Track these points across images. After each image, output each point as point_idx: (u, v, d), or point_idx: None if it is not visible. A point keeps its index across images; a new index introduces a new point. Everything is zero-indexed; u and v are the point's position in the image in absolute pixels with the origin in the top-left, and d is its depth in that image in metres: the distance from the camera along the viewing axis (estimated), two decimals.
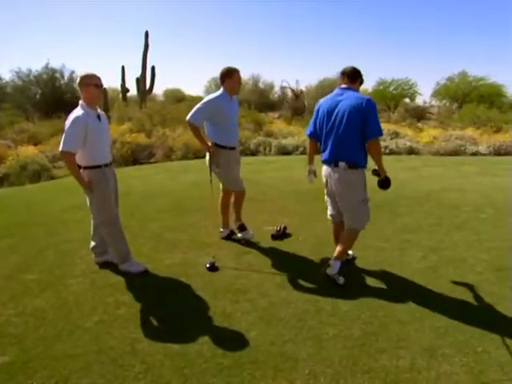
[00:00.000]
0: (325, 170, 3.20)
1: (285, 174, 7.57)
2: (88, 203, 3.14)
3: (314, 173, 3.38)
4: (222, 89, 3.64)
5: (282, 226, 4.12)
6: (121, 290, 2.94)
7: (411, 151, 11.30)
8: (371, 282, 3.04)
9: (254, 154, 11.41)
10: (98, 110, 3.12)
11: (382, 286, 2.97)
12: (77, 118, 2.89)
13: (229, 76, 3.58)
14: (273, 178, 7.13)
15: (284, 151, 11.26)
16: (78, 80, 3.02)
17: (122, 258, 3.23)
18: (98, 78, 3.01)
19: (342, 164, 2.98)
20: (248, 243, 3.88)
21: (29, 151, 9.68)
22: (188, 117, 3.55)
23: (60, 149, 2.88)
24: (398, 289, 2.92)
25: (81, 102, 3.01)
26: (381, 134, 2.93)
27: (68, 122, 2.90)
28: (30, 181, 7.80)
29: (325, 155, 3.10)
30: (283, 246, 3.84)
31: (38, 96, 25.17)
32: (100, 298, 2.81)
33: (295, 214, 4.90)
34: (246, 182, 3.99)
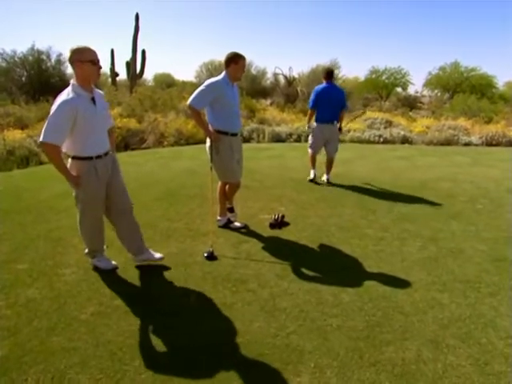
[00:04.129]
0: (323, 127, 5.63)
1: (279, 161, 7.49)
2: (74, 195, 2.79)
3: (311, 128, 5.81)
4: (224, 73, 3.51)
5: (280, 215, 4.06)
6: (117, 280, 2.85)
7: (405, 140, 11.31)
8: (372, 271, 3.01)
9: (247, 140, 11.28)
10: (95, 91, 2.65)
11: (383, 276, 2.94)
12: (63, 103, 2.43)
13: (234, 61, 3.44)
14: (267, 165, 7.04)
15: (278, 138, 11.16)
16: (70, 55, 2.49)
17: (92, 252, 2.99)
18: (95, 53, 2.52)
19: (335, 122, 5.63)
20: (246, 232, 3.82)
21: (16, 135, 9.37)
22: (189, 101, 3.42)
23: (40, 139, 2.43)
24: (399, 279, 2.89)
25: (72, 81, 2.52)
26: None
27: (53, 107, 2.45)
28: (18, 166, 7.55)
29: (325, 118, 5.57)
30: (281, 234, 3.78)
31: (23, 79, 24.32)
32: (96, 289, 2.72)
33: (291, 202, 4.84)
34: None
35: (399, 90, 30.69)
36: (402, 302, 2.56)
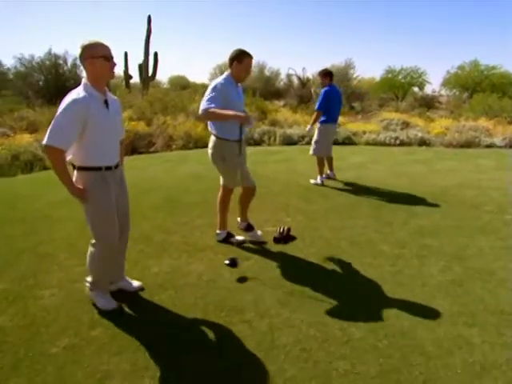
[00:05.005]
0: (333, 127, 5.91)
1: (289, 166, 7.13)
2: (84, 214, 2.38)
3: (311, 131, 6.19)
4: (227, 72, 3.18)
5: (286, 228, 3.70)
6: None
7: (422, 142, 10.77)
8: (388, 299, 2.63)
9: (257, 143, 10.95)
10: (108, 93, 2.34)
11: (401, 304, 2.55)
12: (74, 102, 2.12)
13: (238, 60, 3.10)
14: (276, 170, 6.69)
15: (289, 141, 10.78)
16: (80, 51, 2.18)
17: (96, 284, 2.52)
18: (107, 48, 2.22)
19: (337, 122, 6.07)
20: (247, 248, 3.48)
21: (24, 139, 9.30)
22: (201, 111, 2.98)
23: (44, 142, 2.10)
24: (420, 308, 2.49)
25: (84, 80, 2.23)
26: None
27: (61, 106, 2.13)
28: (22, 171, 7.41)
29: (335, 118, 5.81)
30: (287, 250, 3.43)
31: (40, 83, 24.68)
32: (74, 316, 2.43)
33: (299, 212, 4.48)
34: None
35: (416, 89, 29.82)
36: (423, 339, 2.18)
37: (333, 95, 5.59)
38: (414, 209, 4.56)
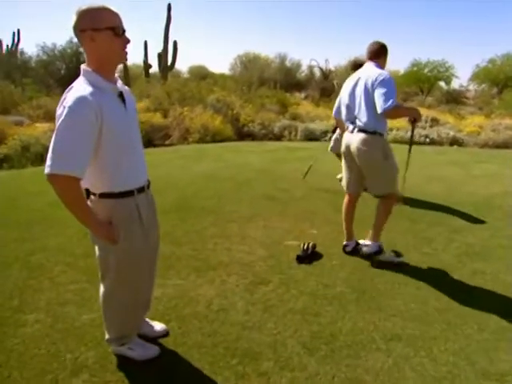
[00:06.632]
0: None
1: (313, 165, 6.59)
2: (98, 254, 1.77)
3: None
4: (378, 64, 2.91)
5: (311, 244, 3.22)
6: (88, 339, 2.12)
7: (454, 141, 10.03)
8: (437, 348, 2.11)
9: (277, 138, 10.47)
10: (119, 82, 1.66)
11: (455, 357, 2.03)
12: (81, 103, 1.43)
13: (385, 54, 2.99)
14: (298, 170, 6.15)
15: (311, 137, 10.25)
16: (75, 21, 1.49)
17: (120, 338, 1.95)
18: (116, 16, 1.53)
19: None
20: (266, 266, 3.01)
21: (36, 129, 9.07)
22: (391, 106, 2.71)
23: (46, 170, 1.45)
24: (483, 366, 1.97)
25: (84, 66, 1.56)
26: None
27: (63, 112, 1.44)
28: (32, 163, 7.15)
29: None
30: (312, 272, 2.94)
31: (62, 71, 24.79)
32: (57, 353, 2.02)
33: (326, 222, 3.97)
34: (267, 173, 3.16)
35: (442, 84, 28.44)
36: None
37: None
38: (456, 223, 4.00)
